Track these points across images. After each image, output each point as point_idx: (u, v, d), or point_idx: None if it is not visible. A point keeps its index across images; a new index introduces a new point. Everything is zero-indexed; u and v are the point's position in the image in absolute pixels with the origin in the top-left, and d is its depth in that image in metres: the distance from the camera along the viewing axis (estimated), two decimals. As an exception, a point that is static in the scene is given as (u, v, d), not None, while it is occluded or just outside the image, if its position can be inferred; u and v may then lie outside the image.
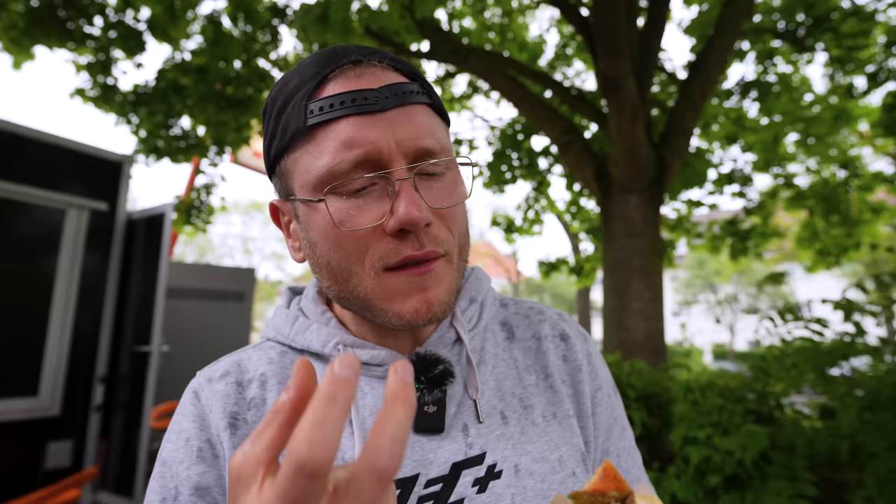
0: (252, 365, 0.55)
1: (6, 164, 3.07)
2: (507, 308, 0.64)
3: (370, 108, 0.46)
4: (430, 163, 0.48)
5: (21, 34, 4.48)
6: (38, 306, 3.19)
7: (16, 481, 2.97)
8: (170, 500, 0.48)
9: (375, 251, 0.47)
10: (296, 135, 0.48)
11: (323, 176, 0.46)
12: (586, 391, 0.58)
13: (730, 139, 6.14)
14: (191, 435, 0.50)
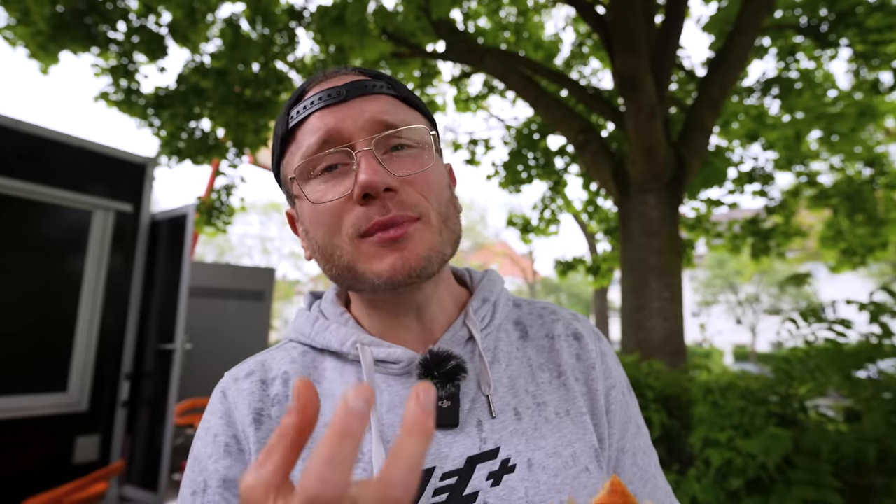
0: (275, 364, 0.57)
1: (36, 167, 3.17)
2: (521, 308, 0.65)
3: (333, 100, 0.51)
4: (387, 133, 0.51)
5: (47, 40, 4.60)
6: (67, 305, 3.28)
7: (47, 474, 3.06)
8: (199, 493, 0.51)
9: (348, 220, 0.50)
10: (283, 140, 0.55)
11: (299, 165, 0.52)
12: (600, 389, 0.59)
13: (750, 137, 6.04)
14: (218, 431, 0.53)
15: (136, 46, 4.94)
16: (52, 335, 3.20)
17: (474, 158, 6.89)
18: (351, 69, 0.56)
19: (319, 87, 0.54)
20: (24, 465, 3.02)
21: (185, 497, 0.52)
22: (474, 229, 32.40)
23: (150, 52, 4.92)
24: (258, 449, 0.51)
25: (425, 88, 6.55)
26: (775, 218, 6.16)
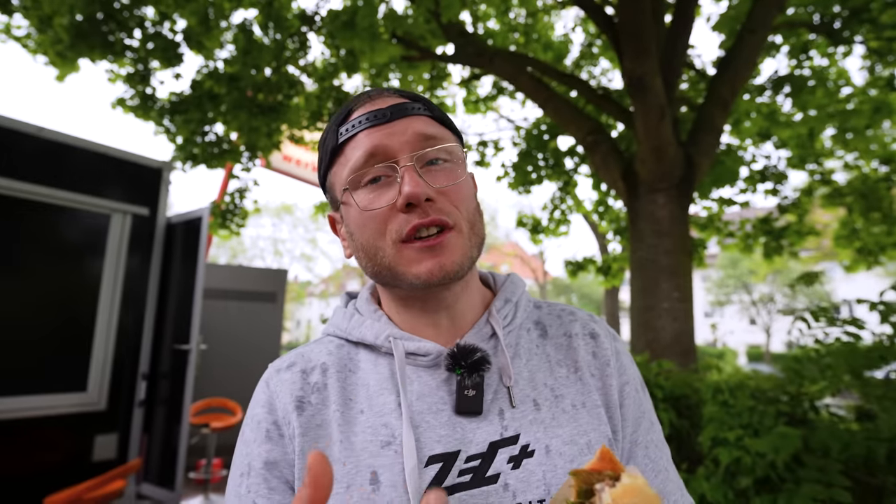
0: (314, 356, 0.63)
1: (57, 172, 3.26)
2: (541, 309, 0.70)
3: (379, 120, 0.58)
4: (429, 149, 0.58)
5: (67, 48, 4.71)
6: (86, 306, 3.36)
7: (68, 471, 3.14)
8: (246, 475, 0.56)
9: (392, 226, 0.56)
10: (332, 153, 0.62)
11: (349, 176, 0.58)
12: (614, 384, 0.63)
13: (763, 135, 5.99)
14: (261, 418, 0.58)
15: (152, 53, 5.04)
16: (72, 336, 3.29)
17: (484, 160, 6.92)
18: (392, 91, 0.63)
19: (365, 108, 0.60)
20: (46, 462, 3.11)
21: (235, 478, 0.57)
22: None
23: (165, 58, 5.02)
24: (301, 432, 0.56)
25: (435, 91, 6.60)
26: (788, 217, 6.09)
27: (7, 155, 3.07)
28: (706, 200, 6.25)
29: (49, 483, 2.95)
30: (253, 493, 0.54)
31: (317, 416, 0.57)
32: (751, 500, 1.91)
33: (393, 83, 6.18)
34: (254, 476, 0.55)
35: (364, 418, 0.57)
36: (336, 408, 0.58)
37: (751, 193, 6.00)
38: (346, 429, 0.56)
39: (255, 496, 0.54)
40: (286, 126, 5.89)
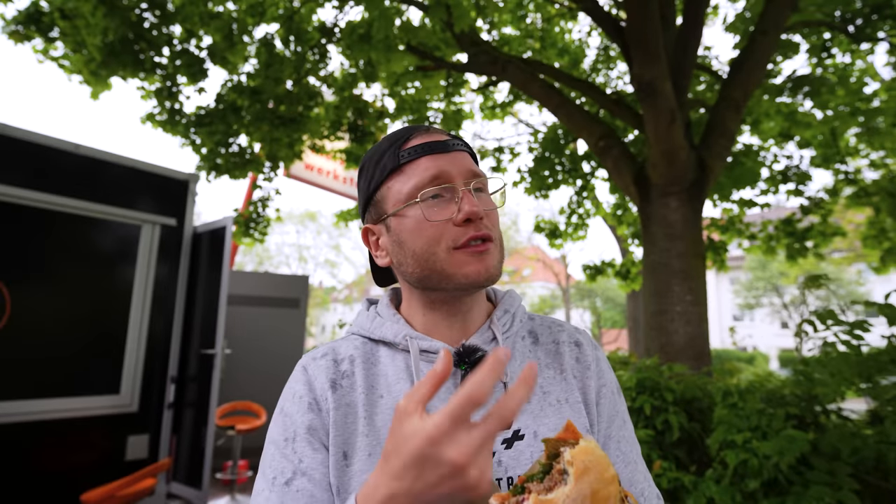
0: (343, 350, 0.75)
1: (92, 186, 3.45)
2: (534, 321, 0.82)
3: (439, 149, 0.70)
4: (478, 179, 0.71)
5: (100, 67, 4.95)
6: (119, 313, 3.54)
7: (103, 469, 3.30)
8: (290, 440, 0.66)
9: (447, 236, 0.67)
10: (391, 171, 0.71)
11: (411, 191, 0.69)
12: (592, 385, 0.75)
13: (785, 135, 5.89)
14: (303, 394, 0.69)
15: (179, 69, 5.26)
16: (105, 341, 3.47)
17: (500, 166, 6.96)
18: (437, 130, 0.74)
19: (424, 138, 0.72)
20: (82, 460, 3.28)
21: (279, 443, 0.67)
22: (506, 234, 32.28)
23: (191, 74, 5.23)
24: (335, 407, 0.68)
25: (452, 98, 6.69)
26: (812, 217, 5.96)
27: (47, 171, 3.28)
28: (727, 202, 6.16)
29: (85, 480, 3.12)
30: (299, 452, 0.65)
31: (346, 396, 0.69)
32: (759, 503, 1.92)
33: (410, 92, 6.29)
34: (299, 440, 0.66)
35: (383, 402, 0.69)
36: (361, 391, 0.69)
37: (772, 195, 5.90)
38: (370, 409, 0.68)
39: (301, 455, 0.65)
40: (307, 136, 6.06)
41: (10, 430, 3.01)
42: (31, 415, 3.07)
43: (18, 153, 3.18)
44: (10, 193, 3.08)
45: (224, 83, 5.71)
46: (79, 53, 5.01)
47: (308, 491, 0.63)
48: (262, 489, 0.65)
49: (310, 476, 0.64)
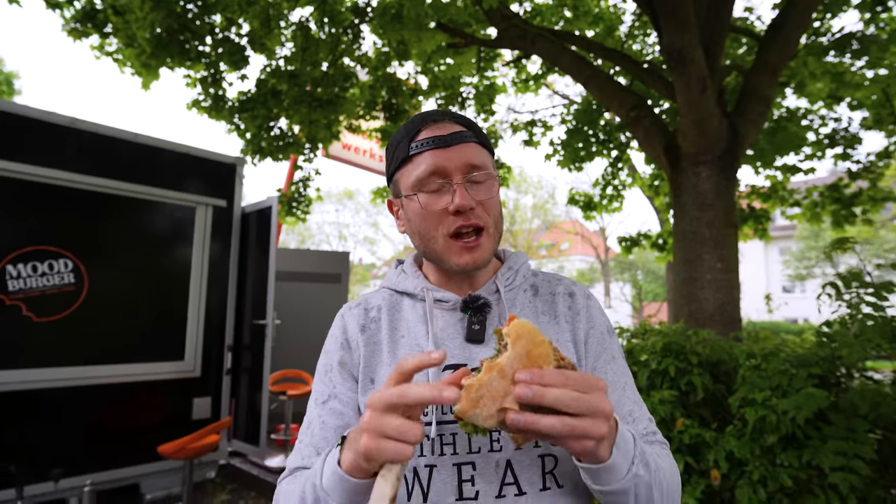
0: (374, 301, 0.92)
1: (150, 171, 3.75)
2: (537, 277, 0.95)
3: (441, 144, 0.81)
4: (474, 174, 0.81)
5: (149, 58, 5.24)
6: (180, 287, 3.88)
7: (174, 427, 3.69)
8: (329, 371, 0.86)
9: (444, 224, 0.80)
10: (403, 160, 0.84)
11: (415, 182, 0.81)
12: (582, 328, 0.87)
13: (834, 97, 5.63)
14: (338, 335, 0.88)
15: (221, 57, 5.50)
16: (169, 312, 3.82)
17: (532, 139, 6.95)
18: (451, 117, 0.85)
19: (430, 131, 0.83)
20: (156, 419, 3.67)
21: (321, 373, 0.87)
22: (543, 208, 31.92)
23: (233, 62, 5.46)
24: (364, 345, 0.85)
25: (485, 73, 6.70)
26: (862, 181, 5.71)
27: (111, 159, 3.59)
28: (769, 169, 5.98)
29: (160, 436, 3.49)
30: (334, 381, 0.85)
31: (374, 336, 0.86)
32: (777, 456, 2.01)
33: (442, 69, 6.35)
34: (334, 372, 0.85)
35: (405, 340, 0.84)
36: (386, 332, 0.86)
37: (818, 160, 5.67)
38: (392, 346, 0.84)
39: (335, 383, 0.85)
40: (344, 117, 6.24)
41: (95, 391, 3.40)
42: (112, 377, 3.46)
43: (86, 143, 3.49)
44: (81, 181, 3.41)
45: (263, 68, 5.94)
46: (130, 47, 5.31)
47: (338, 409, 0.82)
48: (311, 404, 0.86)
49: (340, 398, 0.83)
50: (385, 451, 0.53)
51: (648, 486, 0.66)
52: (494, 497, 0.73)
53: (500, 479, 0.74)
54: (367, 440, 0.54)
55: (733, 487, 2.07)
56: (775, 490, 1.96)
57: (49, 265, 3.27)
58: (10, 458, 3.01)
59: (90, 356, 3.40)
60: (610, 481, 0.63)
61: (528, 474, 0.75)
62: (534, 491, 0.74)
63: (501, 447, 0.75)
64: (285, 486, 0.77)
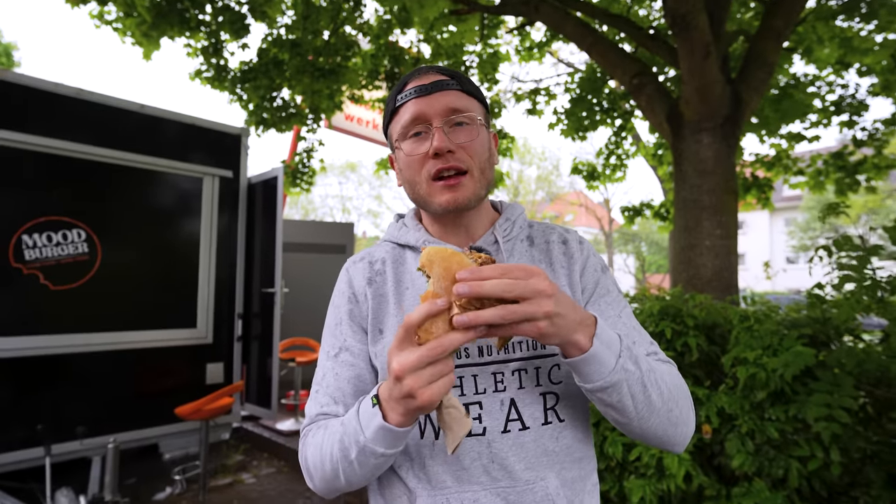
0: (377, 254, 0.95)
1: (158, 142, 3.80)
2: (532, 227, 0.98)
3: (421, 93, 0.84)
4: (454, 117, 0.83)
5: (150, 28, 5.20)
6: (190, 256, 3.97)
7: (189, 391, 3.84)
8: (338, 324, 0.90)
9: (426, 167, 0.83)
10: (392, 113, 0.88)
11: (400, 131, 0.85)
12: (576, 270, 0.90)
13: (843, 63, 5.55)
14: (345, 290, 0.92)
15: (222, 26, 5.45)
16: (181, 281, 3.93)
17: (536, 108, 6.91)
18: (436, 70, 0.87)
19: (414, 83, 0.86)
20: (172, 384, 3.82)
21: (331, 326, 0.91)
22: (548, 179, 31.73)
23: (233, 31, 5.42)
24: (372, 297, 0.89)
25: (488, 40, 6.61)
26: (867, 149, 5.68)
27: (118, 130, 3.63)
28: (774, 137, 5.95)
29: (176, 399, 3.64)
30: (344, 334, 0.89)
31: (380, 288, 0.90)
32: (766, 411, 2.11)
33: (445, 37, 6.27)
34: (344, 324, 0.89)
35: (409, 292, 0.88)
36: (392, 285, 0.89)
37: (823, 127, 5.63)
38: (398, 297, 0.88)
39: (345, 336, 0.89)
40: (346, 87, 6.21)
41: (113, 357, 3.54)
42: (127, 343, 3.59)
43: (95, 115, 3.53)
44: (91, 152, 3.47)
45: (264, 38, 5.89)
46: (130, 16, 5.27)
47: (350, 361, 0.87)
48: (322, 358, 0.90)
49: (351, 350, 0.87)
50: (437, 393, 0.60)
51: (641, 383, 0.70)
52: (500, 432, 0.79)
53: (505, 416, 0.80)
54: (422, 396, 0.59)
55: (723, 440, 2.18)
56: (763, 442, 2.07)
57: (63, 235, 3.36)
58: (36, 420, 3.17)
59: (106, 323, 3.52)
60: (600, 374, 0.67)
61: (531, 410, 0.80)
62: (536, 425, 0.80)
63: (505, 387, 0.81)
64: (312, 438, 0.81)
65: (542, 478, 0.79)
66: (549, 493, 0.78)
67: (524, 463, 0.79)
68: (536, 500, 0.78)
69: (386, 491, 0.85)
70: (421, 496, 0.79)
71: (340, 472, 0.74)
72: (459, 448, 0.78)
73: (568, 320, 0.63)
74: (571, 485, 0.82)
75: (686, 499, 2.22)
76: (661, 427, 0.75)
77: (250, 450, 4.67)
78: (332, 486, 0.78)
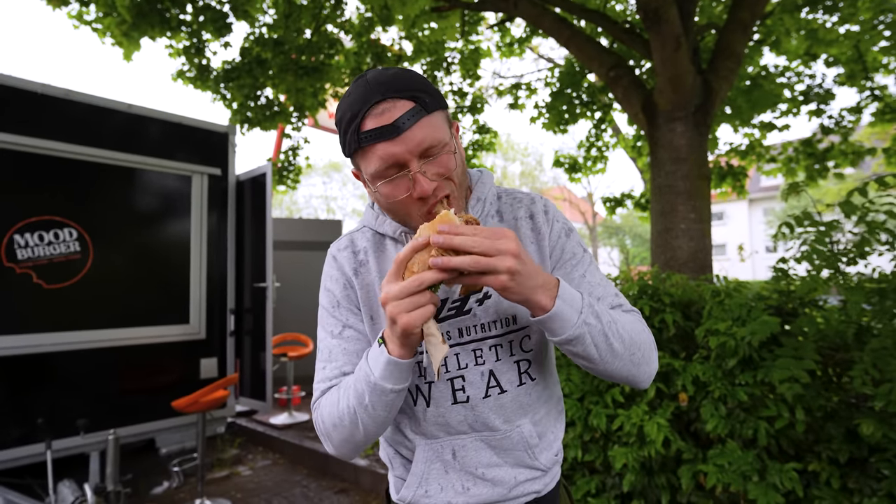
0: (359, 242, 0.98)
1: (146, 141, 3.84)
2: (501, 200, 1.00)
3: (391, 135, 0.78)
4: (430, 153, 0.81)
5: (130, 28, 5.20)
6: (181, 254, 4.02)
7: (184, 385, 3.90)
8: (336, 307, 0.94)
9: (414, 207, 0.83)
10: (356, 151, 0.84)
11: (373, 174, 0.82)
12: (545, 243, 0.94)
13: (810, 54, 5.78)
14: (337, 276, 0.96)
15: (204, 25, 5.47)
16: (173, 278, 3.98)
17: (517, 102, 7.04)
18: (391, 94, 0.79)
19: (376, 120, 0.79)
20: (167, 379, 3.88)
21: (329, 308, 0.95)
22: (531, 175, 32.02)
23: (216, 29, 5.44)
24: (360, 286, 0.93)
25: (469, 37, 6.72)
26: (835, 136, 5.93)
27: (107, 130, 3.67)
28: (747, 127, 6.16)
29: (171, 394, 3.69)
30: (344, 314, 0.94)
31: (366, 278, 0.94)
32: (736, 378, 2.26)
33: (426, 34, 6.36)
34: (343, 307, 0.94)
35: None
36: (375, 273, 0.93)
37: (793, 116, 5.87)
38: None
39: (346, 315, 0.94)
40: (329, 84, 6.27)
41: (108, 353, 3.58)
42: (122, 340, 3.64)
43: (83, 115, 3.57)
44: (80, 151, 3.51)
45: (246, 37, 5.92)
46: (110, 16, 5.26)
47: (355, 336, 0.92)
48: (324, 338, 0.93)
49: (355, 328, 0.93)
50: (415, 318, 0.68)
51: (603, 334, 0.78)
52: (482, 398, 0.91)
53: (485, 385, 0.91)
54: (402, 321, 0.68)
55: (698, 407, 2.34)
56: (734, 406, 2.23)
57: (55, 234, 3.39)
58: (35, 417, 3.22)
59: (100, 321, 3.57)
60: (563, 330, 0.74)
61: (508, 377, 0.92)
62: (512, 388, 0.92)
63: (484, 361, 0.91)
64: (325, 399, 0.87)
65: (518, 425, 0.93)
66: (523, 436, 0.93)
67: (503, 418, 0.92)
68: (514, 443, 0.93)
69: (392, 440, 0.99)
70: (419, 444, 0.93)
71: (359, 422, 0.81)
72: (448, 414, 0.91)
73: (529, 280, 0.70)
74: (541, 422, 0.97)
75: (666, 463, 2.37)
76: (624, 369, 0.83)
77: (245, 444, 4.74)
78: (351, 442, 0.85)
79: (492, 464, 0.93)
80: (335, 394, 0.86)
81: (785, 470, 2.03)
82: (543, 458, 0.96)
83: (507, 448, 0.93)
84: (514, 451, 0.93)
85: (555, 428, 1.00)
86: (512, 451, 0.93)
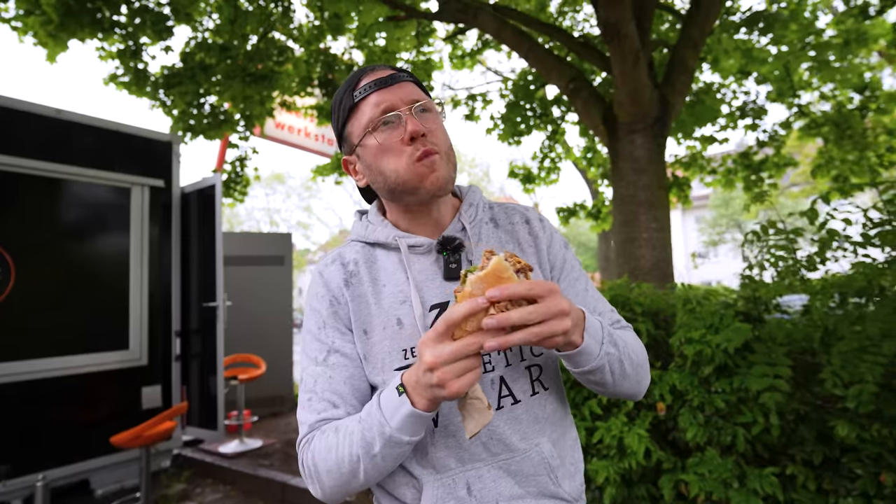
0: (348, 255, 0.93)
1: (77, 150, 3.50)
2: (493, 209, 1.00)
3: (383, 85, 0.85)
4: (419, 104, 0.85)
5: (57, 28, 4.78)
6: (119, 273, 3.68)
7: (124, 417, 3.54)
8: (322, 328, 0.87)
9: (405, 153, 0.82)
10: (349, 110, 0.87)
11: (367, 123, 0.84)
12: (543, 248, 0.94)
13: (744, 72, 6.16)
14: (323, 294, 0.89)
15: (141, 28, 5.12)
16: (109, 300, 3.62)
17: (473, 114, 7.07)
18: (386, 66, 0.89)
19: (370, 77, 0.87)
20: (105, 411, 3.51)
21: (314, 332, 0.88)
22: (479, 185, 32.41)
23: (156, 32, 5.10)
24: (351, 299, 0.87)
25: (422, 48, 6.69)
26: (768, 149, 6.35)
27: (32, 138, 3.31)
28: (690, 140, 6.48)
29: (111, 427, 3.35)
30: (331, 336, 0.87)
31: (357, 289, 0.88)
32: (712, 385, 2.29)
33: (379, 43, 6.28)
34: (329, 327, 0.87)
35: (387, 289, 0.87)
36: (368, 284, 0.88)
37: (731, 130, 6.23)
38: (377, 296, 0.87)
39: (332, 338, 0.87)
40: (278, 93, 6.03)
41: (35, 386, 3.19)
42: (50, 371, 3.26)
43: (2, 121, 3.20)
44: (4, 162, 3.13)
45: (188, 41, 5.59)
46: (33, 15, 4.82)
47: (341, 362, 0.85)
48: (308, 366, 0.87)
49: (340, 351, 0.86)
50: (465, 385, 0.64)
51: (619, 360, 0.80)
52: (494, 409, 0.83)
53: (497, 394, 0.84)
54: (453, 385, 0.63)
55: (676, 416, 2.34)
56: (711, 413, 2.24)
57: (-31, 254, 3.00)
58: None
59: (24, 351, 3.18)
60: (587, 362, 0.75)
61: (520, 384, 0.85)
62: (526, 397, 0.85)
63: (494, 367, 0.85)
64: (319, 443, 0.79)
65: (537, 444, 0.85)
66: (544, 457, 0.85)
67: (519, 434, 0.84)
68: (534, 465, 0.84)
69: (389, 483, 0.86)
70: (427, 482, 0.81)
71: (360, 471, 0.75)
72: (459, 433, 0.83)
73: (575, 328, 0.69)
74: (559, 443, 0.89)
75: (646, 474, 2.36)
76: (631, 388, 0.85)
77: (192, 477, 4.37)
78: (345, 489, 0.79)
79: (514, 496, 0.83)
80: (332, 437, 0.78)
81: (764, 475, 2.06)
82: (567, 486, 0.87)
83: (529, 473, 0.84)
84: (537, 476, 0.84)
85: (573, 455, 0.93)
86: (534, 478, 0.84)
